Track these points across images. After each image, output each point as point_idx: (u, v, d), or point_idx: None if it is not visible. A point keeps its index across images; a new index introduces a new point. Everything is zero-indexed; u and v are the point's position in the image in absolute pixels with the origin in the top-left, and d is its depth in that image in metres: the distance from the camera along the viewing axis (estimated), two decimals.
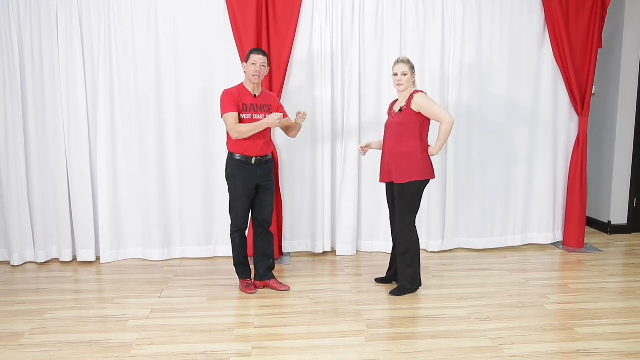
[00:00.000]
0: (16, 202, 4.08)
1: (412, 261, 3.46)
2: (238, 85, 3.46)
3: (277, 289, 3.60)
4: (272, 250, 3.65)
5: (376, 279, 3.76)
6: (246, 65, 3.40)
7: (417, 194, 3.39)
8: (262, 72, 3.39)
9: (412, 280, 3.49)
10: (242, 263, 3.61)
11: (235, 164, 3.42)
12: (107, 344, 2.82)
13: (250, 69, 3.37)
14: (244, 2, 4.01)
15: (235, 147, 3.42)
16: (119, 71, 4.09)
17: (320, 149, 4.27)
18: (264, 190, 3.52)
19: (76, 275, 3.95)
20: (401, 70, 3.35)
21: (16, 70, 3.95)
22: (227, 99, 3.35)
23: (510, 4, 4.37)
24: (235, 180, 3.43)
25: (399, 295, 3.50)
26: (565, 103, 4.53)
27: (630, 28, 4.81)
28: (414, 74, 3.39)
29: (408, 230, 3.42)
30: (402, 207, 3.41)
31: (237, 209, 3.48)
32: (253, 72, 3.36)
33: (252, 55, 3.38)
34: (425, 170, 3.35)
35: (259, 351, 2.73)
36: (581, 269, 4.07)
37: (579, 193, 4.54)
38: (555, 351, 2.72)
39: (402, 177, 3.35)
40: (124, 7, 4.02)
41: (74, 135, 4.08)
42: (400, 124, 3.35)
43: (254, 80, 3.39)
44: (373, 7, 4.22)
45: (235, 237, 3.54)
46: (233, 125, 3.33)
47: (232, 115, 3.32)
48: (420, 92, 3.35)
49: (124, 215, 4.25)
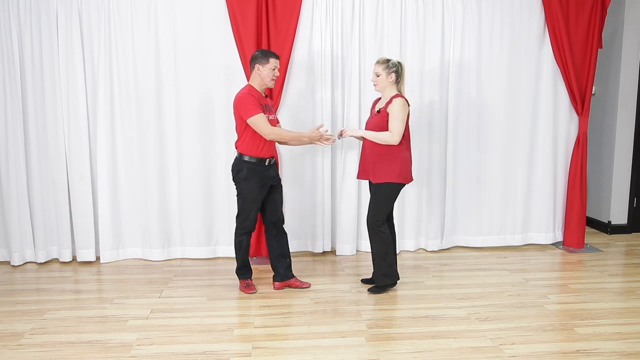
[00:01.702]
0: (16, 202, 4.08)
1: (386, 255, 3.48)
2: (248, 87, 3.40)
3: (300, 287, 3.62)
4: (288, 249, 3.65)
5: (362, 280, 3.77)
6: (262, 68, 3.36)
7: (392, 195, 3.43)
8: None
9: (387, 274, 3.51)
10: (246, 265, 3.61)
11: (250, 166, 3.38)
12: (107, 344, 2.82)
13: (270, 74, 3.38)
14: (244, 2, 4.01)
15: (250, 149, 3.37)
16: (119, 71, 4.09)
17: (320, 148, 4.27)
18: (276, 190, 3.54)
19: (76, 275, 3.96)
20: (375, 71, 3.40)
21: (16, 70, 3.95)
22: (251, 101, 3.29)
23: (510, 4, 4.37)
24: (251, 183, 3.39)
25: (379, 292, 3.52)
26: (565, 103, 4.53)
27: (630, 28, 4.81)
28: (392, 74, 3.35)
29: (377, 226, 3.44)
30: (375, 204, 3.44)
31: (250, 212, 3.44)
32: (272, 76, 3.39)
33: (273, 60, 3.38)
34: (401, 173, 3.37)
35: (259, 351, 2.73)
36: (581, 269, 4.07)
37: (579, 193, 4.54)
38: (555, 351, 2.72)
39: (378, 176, 3.38)
40: (123, 7, 4.02)
41: (74, 135, 4.08)
42: (378, 125, 3.38)
43: (271, 85, 3.43)
44: (373, 7, 4.22)
45: (244, 240, 3.51)
46: (267, 126, 3.30)
47: (262, 116, 3.30)
48: (399, 98, 3.33)
49: (124, 216, 4.24)
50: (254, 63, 3.40)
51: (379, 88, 3.41)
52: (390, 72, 3.36)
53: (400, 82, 3.42)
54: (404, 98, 3.36)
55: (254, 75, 3.42)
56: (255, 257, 4.32)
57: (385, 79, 3.37)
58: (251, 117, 3.28)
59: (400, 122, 3.30)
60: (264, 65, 3.36)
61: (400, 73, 3.39)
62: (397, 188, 3.41)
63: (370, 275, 3.77)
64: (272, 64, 3.37)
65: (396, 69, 3.37)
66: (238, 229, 3.51)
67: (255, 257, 4.32)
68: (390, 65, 3.36)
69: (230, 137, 4.21)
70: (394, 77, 3.37)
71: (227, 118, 4.19)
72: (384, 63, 3.36)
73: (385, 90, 3.41)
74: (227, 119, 4.19)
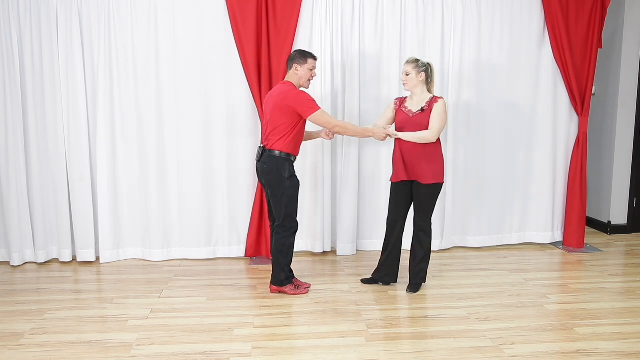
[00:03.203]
0: (16, 203, 4.07)
1: (429, 258, 3.58)
2: (292, 85, 3.37)
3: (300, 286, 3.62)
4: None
5: (362, 280, 3.76)
6: (301, 67, 3.36)
7: (438, 194, 3.51)
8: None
9: (425, 275, 3.60)
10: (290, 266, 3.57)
11: (291, 163, 3.41)
12: (107, 344, 2.82)
13: (307, 74, 3.40)
14: (244, 2, 4.01)
15: (292, 147, 3.38)
16: (119, 71, 4.08)
17: (321, 148, 4.27)
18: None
19: (76, 276, 3.96)
20: (404, 70, 3.45)
21: (16, 70, 3.95)
22: (309, 97, 3.32)
23: (510, 4, 4.37)
24: (295, 179, 3.42)
25: (416, 292, 3.57)
26: (565, 103, 4.53)
27: (630, 28, 4.81)
28: (422, 73, 3.41)
29: (429, 228, 3.52)
30: (426, 206, 3.48)
31: (296, 209, 3.44)
32: (310, 77, 3.42)
33: (311, 60, 3.40)
34: (443, 172, 3.49)
35: (259, 351, 2.73)
36: (581, 269, 4.07)
37: (578, 193, 4.54)
38: (555, 351, 2.72)
39: (430, 177, 3.41)
40: (123, 7, 4.02)
41: (74, 135, 4.08)
42: (420, 124, 3.41)
43: (307, 85, 3.44)
44: (373, 7, 4.22)
45: (294, 239, 3.48)
46: (332, 118, 3.40)
47: (323, 110, 3.36)
48: (442, 100, 3.42)
49: (123, 216, 4.24)
50: (291, 63, 3.40)
51: (409, 87, 3.46)
52: (420, 71, 3.41)
53: (431, 83, 3.49)
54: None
55: (290, 74, 3.41)
56: (255, 257, 4.32)
57: (415, 78, 3.42)
58: (315, 113, 3.30)
59: (442, 122, 3.40)
60: (302, 65, 3.37)
61: (430, 74, 3.46)
62: (441, 187, 3.51)
63: (370, 275, 3.77)
64: (310, 64, 3.39)
65: (425, 69, 3.43)
66: (287, 230, 3.42)
67: (255, 257, 4.32)
68: (419, 64, 3.42)
69: (230, 137, 4.22)
70: (424, 76, 3.43)
71: (227, 118, 4.20)
72: (414, 62, 3.43)
73: (416, 89, 3.45)
74: (227, 118, 4.19)
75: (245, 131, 4.22)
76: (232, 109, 4.20)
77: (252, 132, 4.20)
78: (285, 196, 3.38)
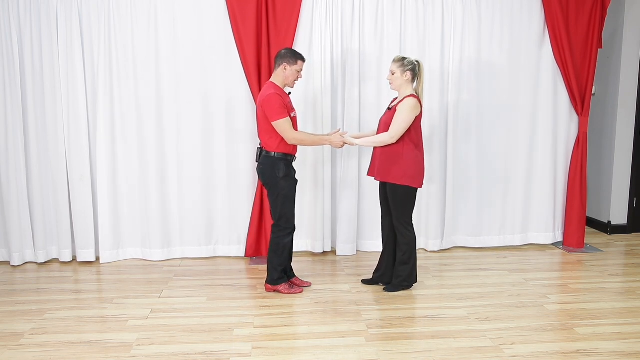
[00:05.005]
0: (16, 202, 4.08)
1: (409, 258, 3.48)
2: (275, 87, 3.37)
3: (300, 286, 3.62)
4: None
5: (362, 280, 3.76)
6: (289, 67, 3.36)
7: (411, 197, 3.40)
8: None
9: (407, 276, 3.51)
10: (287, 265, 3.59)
11: (286, 162, 3.40)
12: (107, 344, 2.82)
13: (295, 75, 3.40)
14: (244, 2, 4.01)
15: (285, 146, 3.38)
16: (119, 71, 4.08)
17: (320, 148, 4.27)
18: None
19: (76, 275, 3.96)
20: (390, 69, 3.39)
21: (16, 70, 3.95)
22: (279, 104, 3.29)
23: (510, 4, 4.37)
24: (290, 179, 3.42)
25: (393, 291, 3.52)
26: (565, 103, 4.53)
27: (630, 28, 4.81)
28: (407, 72, 3.31)
29: (404, 227, 3.44)
30: (396, 207, 3.42)
31: (291, 209, 3.45)
32: (296, 78, 3.43)
33: (301, 62, 3.40)
34: (415, 177, 3.34)
35: (259, 351, 2.73)
36: (581, 269, 4.07)
37: (579, 193, 4.54)
38: (555, 351, 2.72)
39: (392, 177, 3.34)
40: (123, 7, 4.02)
41: (74, 135, 4.08)
42: (388, 123, 3.35)
43: (292, 86, 3.45)
44: (373, 7, 4.22)
45: (291, 239, 3.50)
46: (290, 130, 3.32)
47: (287, 120, 3.31)
48: (411, 98, 3.29)
49: (123, 215, 4.24)
50: (281, 61, 3.37)
51: (394, 87, 3.38)
52: (405, 71, 3.31)
53: (418, 82, 3.37)
54: (417, 99, 3.31)
55: (278, 72, 3.40)
56: (255, 257, 4.32)
57: (400, 77, 3.33)
58: (277, 120, 3.29)
59: (403, 122, 3.26)
60: (291, 65, 3.37)
61: (417, 72, 3.35)
62: (414, 191, 3.38)
63: (370, 276, 3.77)
64: (299, 65, 3.39)
65: (412, 68, 3.32)
66: (282, 230, 3.45)
67: (255, 257, 4.32)
68: (405, 63, 3.32)
69: (230, 137, 4.22)
70: (409, 75, 3.32)
71: (227, 118, 4.20)
72: (399, 61, 3.33)
73: (401, 89, 3.37)
74: (227, 118, 4.19)
75: (245, 131, 4.22)
76: (232, 109, 4.20)
77: (252, 132, 4.20)
78: (280, 196, 3.40)
